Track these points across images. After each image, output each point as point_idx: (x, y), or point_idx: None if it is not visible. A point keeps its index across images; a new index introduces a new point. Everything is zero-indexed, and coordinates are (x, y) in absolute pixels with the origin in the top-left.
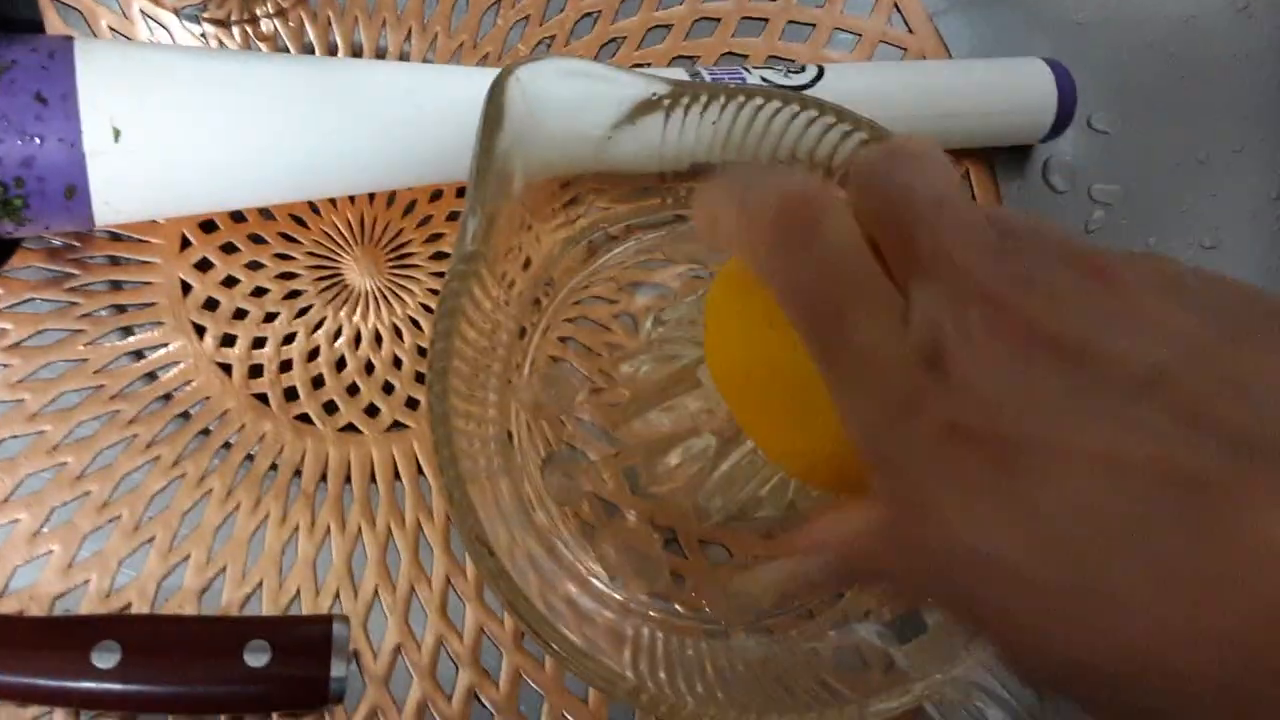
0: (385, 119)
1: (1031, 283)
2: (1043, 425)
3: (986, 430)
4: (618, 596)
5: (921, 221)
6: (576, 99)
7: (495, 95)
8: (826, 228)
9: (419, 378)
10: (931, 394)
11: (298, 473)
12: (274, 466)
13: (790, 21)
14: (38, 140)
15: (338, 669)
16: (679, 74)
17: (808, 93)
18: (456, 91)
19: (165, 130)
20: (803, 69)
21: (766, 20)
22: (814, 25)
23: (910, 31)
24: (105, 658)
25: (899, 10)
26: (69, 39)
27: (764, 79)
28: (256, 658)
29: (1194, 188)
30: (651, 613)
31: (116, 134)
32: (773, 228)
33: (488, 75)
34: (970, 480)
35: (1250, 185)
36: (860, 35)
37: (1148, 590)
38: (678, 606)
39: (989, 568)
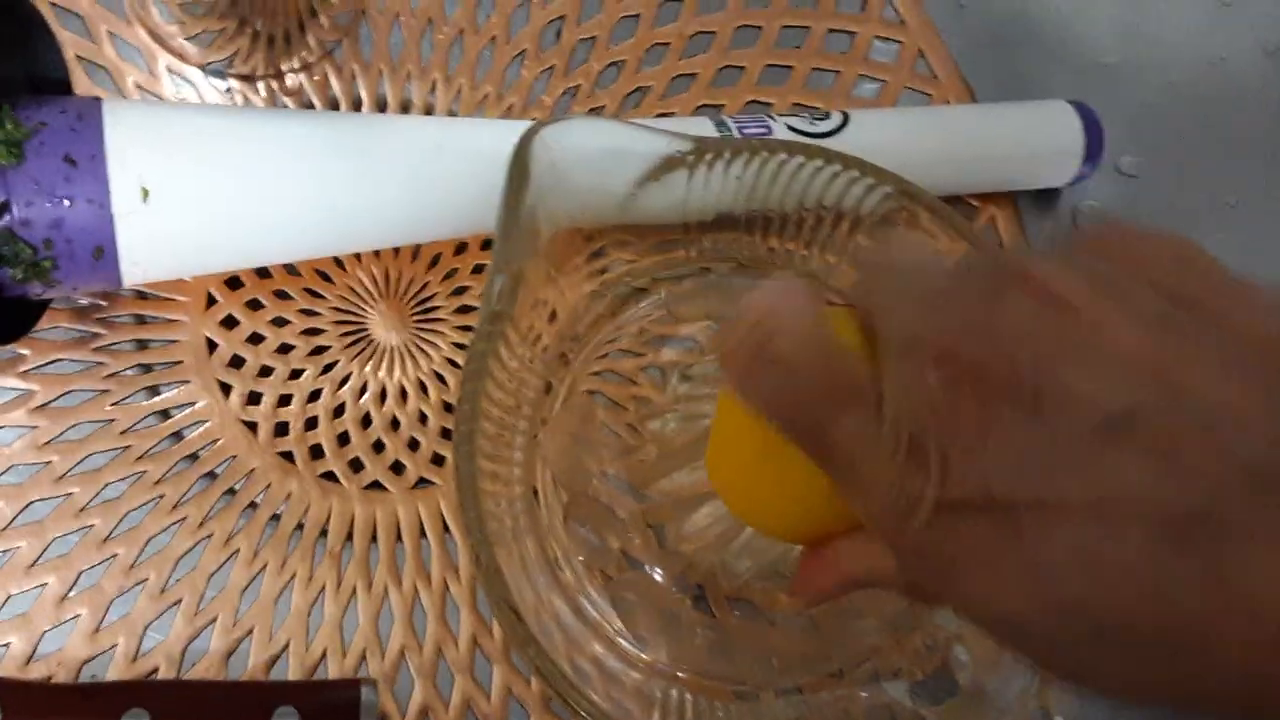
0: (411, 173)
1: (975, 327)
2: (1030, 485)
3: (981, 501)
4: (645, 657)
5: (869, 293)
6: (601, 157)
7: (520, 156)
8: (782, 342)
9: (444, 434)
10: (920, 482)
11: (324, 532)
12: (300, 526)
13: (814, 69)
14: (67, 202)
15: None
16: (704, 124)
17: (833, 140)
18: (481, 144)
19: (193, 190)
20: (827, 115)
21: (791, 68)
22: (838, 72)
23: (935, 77)
24: None
25: (923, 56)
26: (97, 100)
27: (790, 127)
28: None
29: (1224, 231)
30: (679, 674)
31: (145, 194)
32: (733, 356)
33: (512, 128)
34: (980, 552)
35: (1278, 230)
36: (885, 81)
37: (1160, 627)
38: (705, 667)
39: (1019, 630)
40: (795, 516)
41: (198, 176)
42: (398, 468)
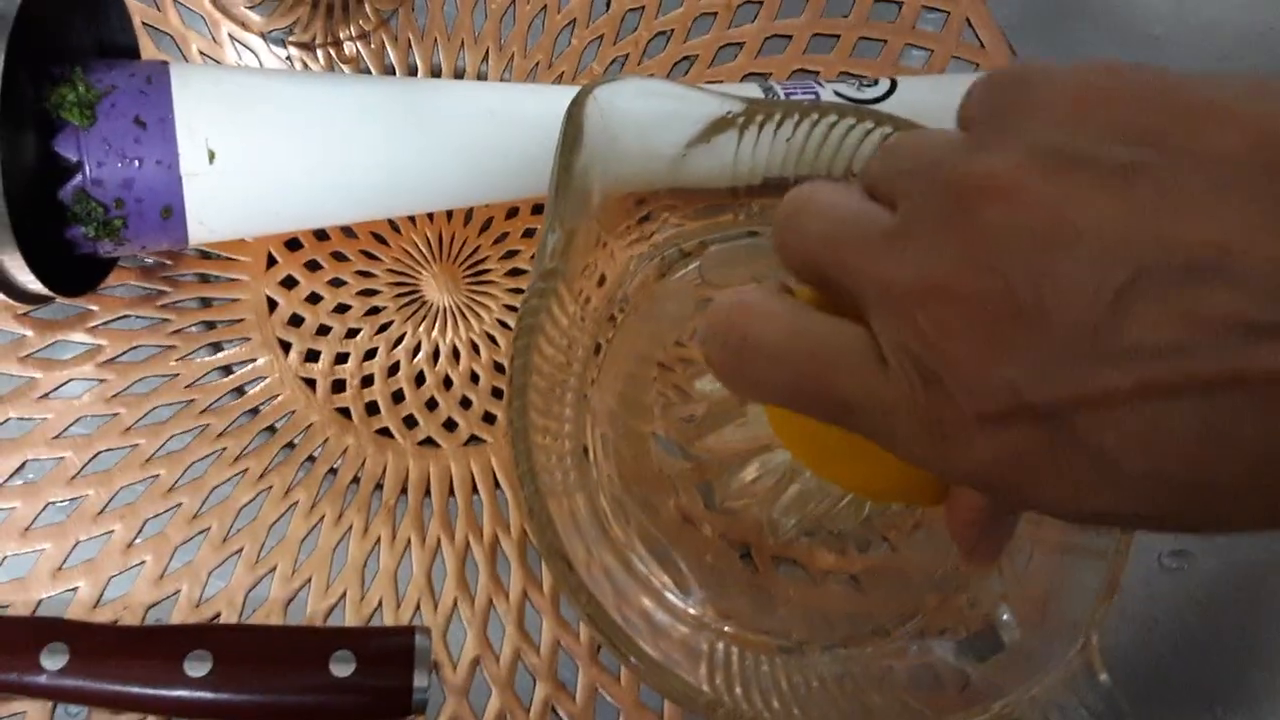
0: (465, 138)
1: (944, 254)
2: (1064, 386)
3: (1014, 410)
4: (692, 611)
5: (820, 258)
6: (652, 118)
7: (574, 115)
8: (755, 328)
9: (495, 393)
10: (945, 405)
11: (379, 486)
12: (356, 479)
13: (862, 38)
14: (136, 163)
15: (420, 680)
16: (752, 90)
17: (881, 106)
18: (534, 110)
19: (256, 152)
20: (875, 82)
21: (838, 36)
22: (885, 41)
23: (982, 47)
24: (197, 666)
25: (971, 26)
26: (165, 64)
27: (837, 93)
28: (342, 668)
29: None
30: (726, 628)
31: (211, 156)
32: (719, 361)
33: (564, 94)
34: (1042, 461)
35: None
36: (932, 50)
37: (1244, 475)
38: (751, 622)
39: (1115, 518)
40: (867, 466)
41: (261, 139)
42: (450, 425)
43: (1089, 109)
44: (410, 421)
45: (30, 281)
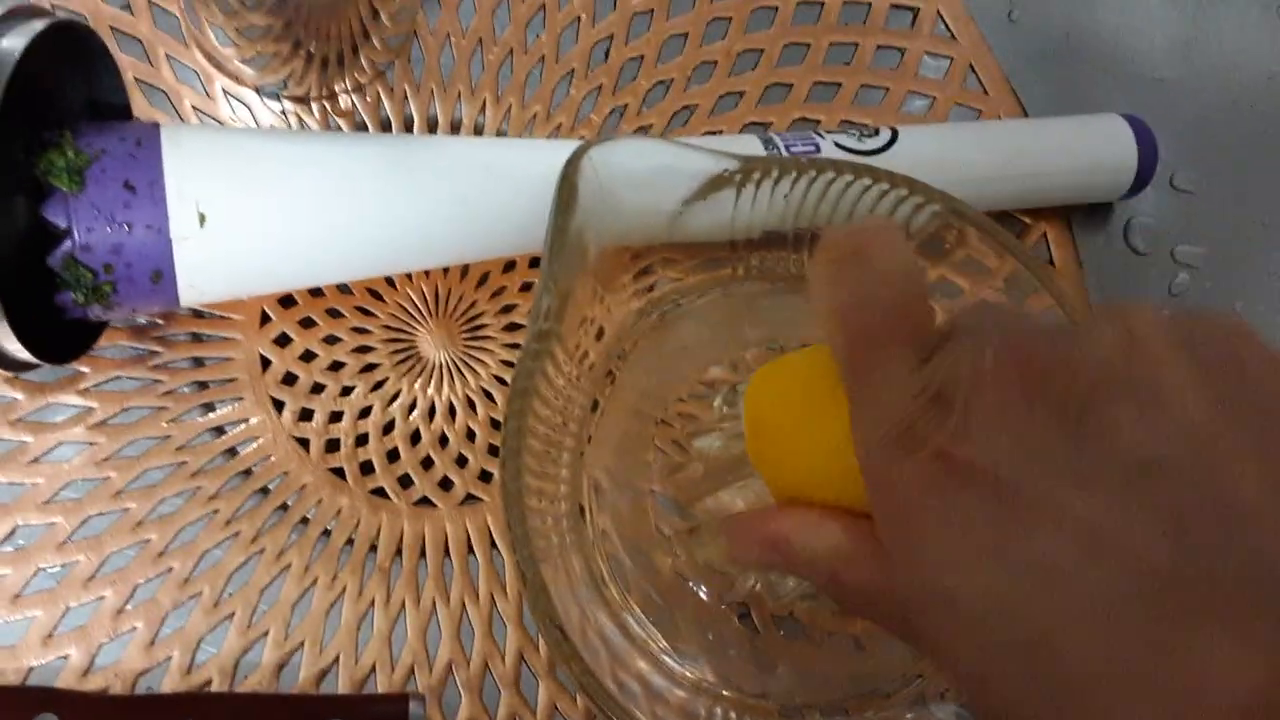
0: (460, 194)
1: (1049, 336)
2: (1040, 478)
3: (983, 469)
4: (690, 675)
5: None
6: (648, 176)
7: (569, 175)
8: (875, 254)
9: (492, 450)
10: (934, 425)
11: (373, 547)
12: (350, 541)
13: (863, 85)
14: (126, 228)
15: None
16: (752, 142)
17: (881, 157)
18: (530, 165)
19: (248, 213)
20: (876, 132)
21: (839, 84)
22: (887, 89)
23: (986, 92)
24: None
25: (974, 71)
26: (156, 126)
27: (838, 144)
28: None
29: None
30: (724, 692)
31: (202, 219)
32: (826, 256)
33: (560, 147)
34: (959, 516)
35: None
36: (934, 98)
37: (1095, 670)
38: (750, 685)
39: (947, 603)
40: (829, 480)
41: (252, 200)
42: (446, 484)
43: (1232, 364)
44: (405, 481)
45: (18, 350)
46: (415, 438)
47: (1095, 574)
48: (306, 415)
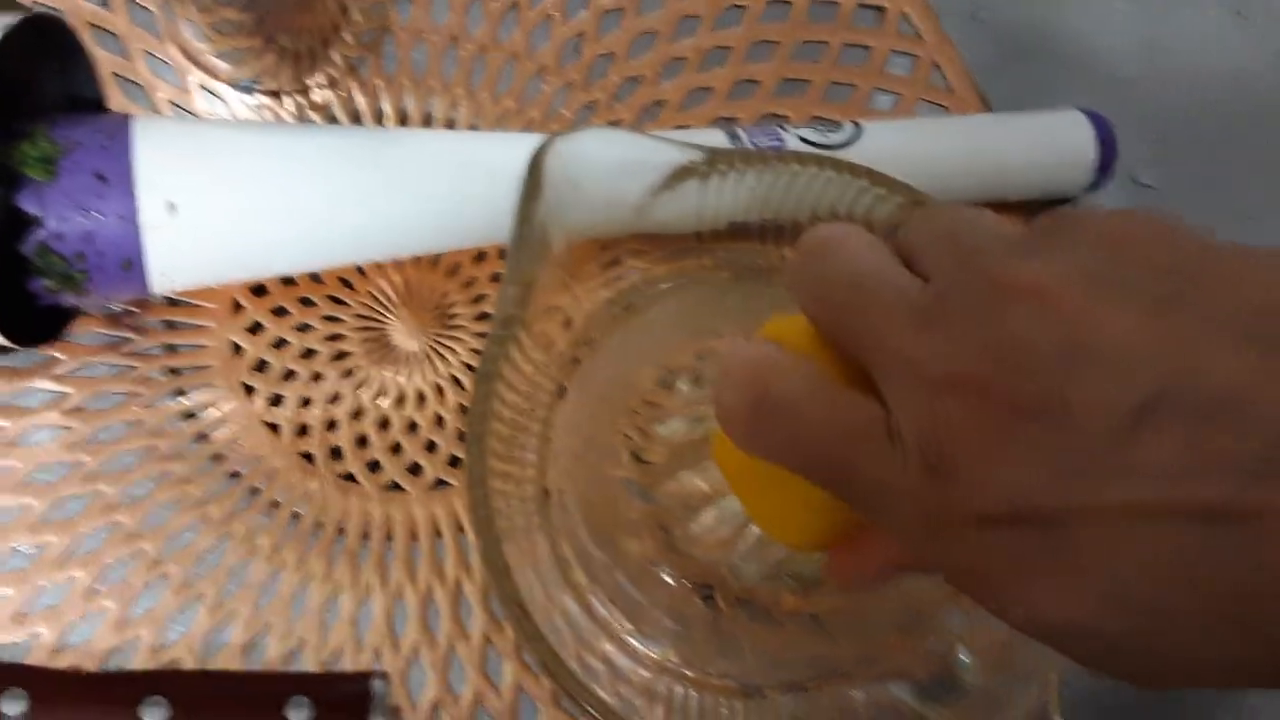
0: (430, 186)
1: (974, 346)
2: (1066, 494)
3: (1017, 513)
4: (653, 655)
5: (842, 309)
6: (615, 168)
7: (535, 166)
8: (781, 386)
9: (462, 436)
10: (949, 498)
11: (341, 531)
12: (319, 525)
13: (831, 82)
14: (98, 217)
15: None
16: (718, 135)
17: (846, 151)
18: (500, 157)
19: (218, 203)
20: (840, 127)
21: (807, 81)
22: (854, 85)
23: (951, 90)
24: (154, 712)
25: (939, 69)
26: (128, 118)
27: (802, 138)
28: (298, 713)
29: (1246, 243)
30: (688, 672)
31: (171, 208)
32: (734, 411)
33: (529, 141)
34: (1026, 564)
35: None
36: (901, 94)
37: (1224, 617)
38: (713, 666)
39: (1082, 635)
40: (810, 525)
41: (222, 191)
42: (415, 469)
43: (1134, 245)
44: (375, 466)
45: None
46: (385, 424)
47: (1167, 539)
48: (277, 401)
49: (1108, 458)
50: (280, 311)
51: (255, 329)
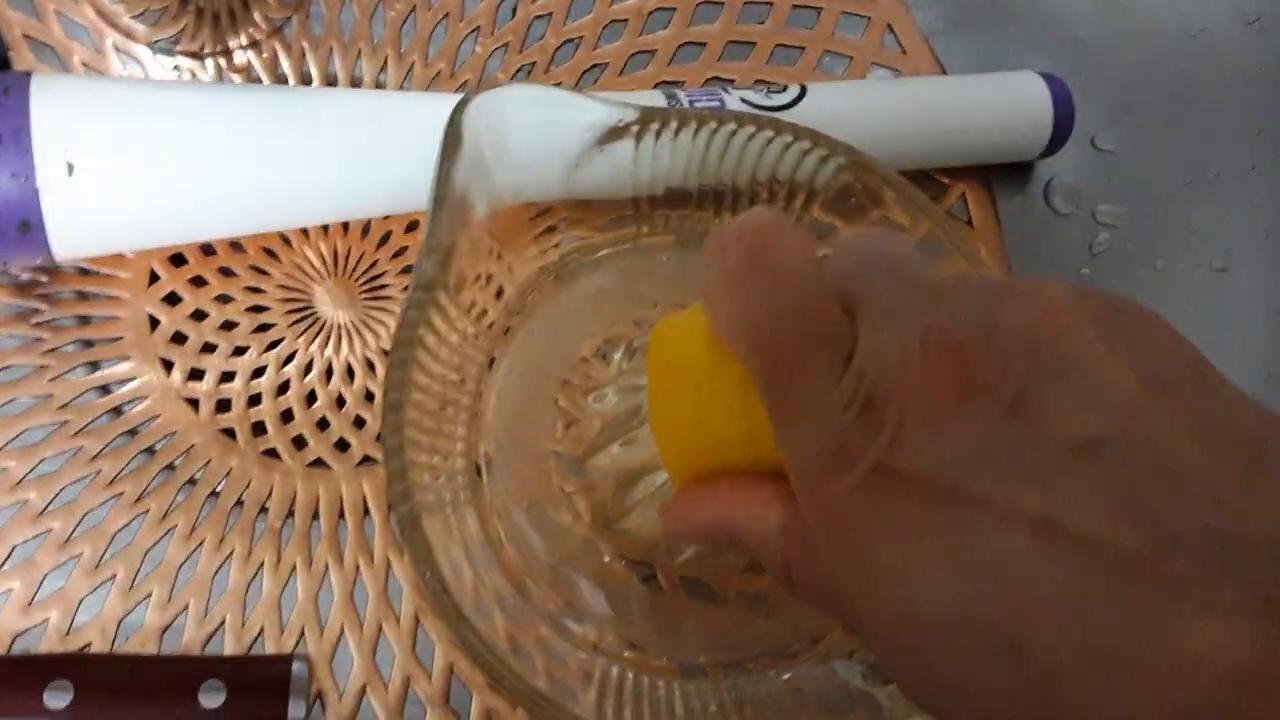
0: (350, 148)
1: (971, 323)
2: (983, 480)
3: (922, 475)
4: (590, 636)
5: (855, 275)
6: (542, 126)
7: (454, 123)
8: (768, 256)
9: None
10: (868, 438)
11: (264, 509)
12: (240, 502)
13: (778, 45)
14: None
15: (296, 710)
16: (657, 98)
17: (789, 113)
18: (423, 119)
19: (121, 164)
20: (784, 89)
21: (754, 44)
22: (803, 48)
23: (904, 52)
24: (58, 697)
25: (892, 31)
26: (26, 74)
27: (744, 100)
28: (212, 698)
29: (1204, 207)
30: (625, 653)
31: (70, 168)
32: (725, 253)
33: (451, 100)
34: (903, 530)
35: (1263, 204)
36: (852, 57)
37: (1071, 663)
38: (653, 645)
39: (908, 616)
40: (705, 453)
41: (127, 151)
42: (342, 445)
43: (1150, 340)
44: (300, 442)
45: None
46: (311, 398)
47: (1055, 564)
48: (197, 375)
49: (1044, 468)
50: (199, 281)
51: (173, 300)
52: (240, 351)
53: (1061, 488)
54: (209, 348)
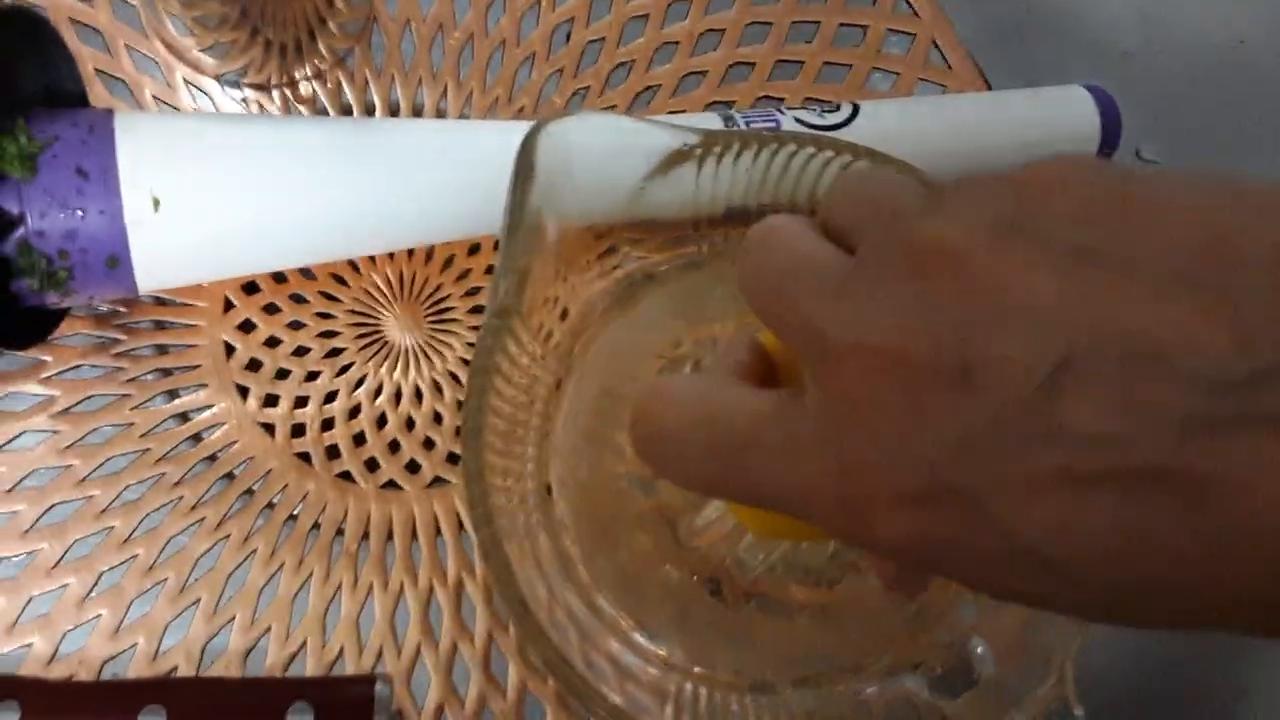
0: (420, 177)
1: (882, 313)
2: (982, 465)
3: (933, 489)
4: (661, 653)
5: (775, 299)
6: (607, 152)
7: (526, 151)
8: (667, 422)
9: (459, 432)
10: (864, 481)
11: (340, 531)
12: (316, 525)
13: (826, 63)
14: (80, 213)
15: None
16: (711, 119)
17: (843, 131)
18: (489, 146)
19: (203, 198)
20: (837, 108)
21: (802, 63)
22: (850, 66)
23: (949, 68)
24: None
25: (937, 47)
26: (109, 112)
27: (798, 120)
28: (299, 719)
29: None
30: (696, 669)
31: (156, 204)
32: (638, 450)
33: (519, 129)
34: (954, 540)
35: None
36: (898, 74)
37: (1154, 593)
38: (721, 661)
39: (1026, 598)
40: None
41: (207, 185)
42: (413, 467)
43: (1046, 192)
44: (372, 465)
45: None
46: (382, 421)
47: (1099, 507)
48: (271, 401)
49: (1024, 425)
50: (272, 309)
51: (247, 327)
52: (313, 377)
53: (1053, 432)
54: (282, 374)
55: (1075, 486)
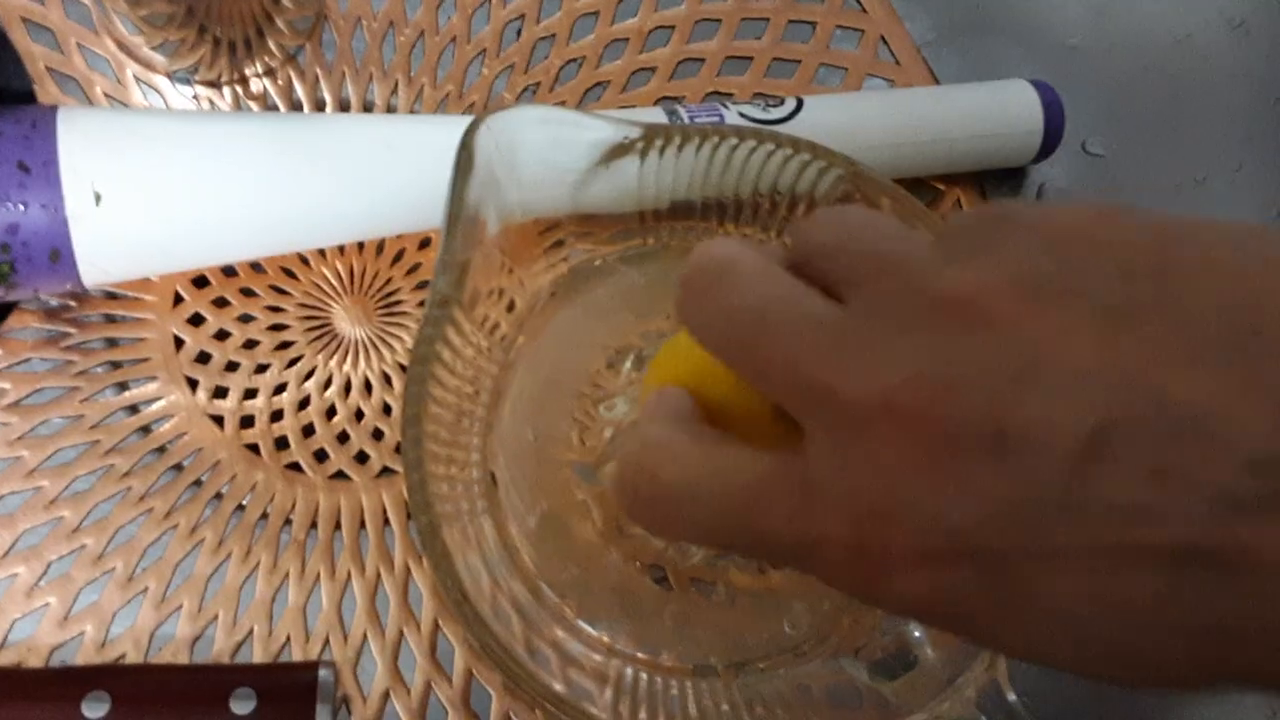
0: (367, 171)
1: (902, 369)
2: (1016, 536)
3: (960, 552)
4: (604, 639)
5: (748, 343)
6: (549, 145)
7: (466, 144)
8: (668, 477)
9: None
10: (884, 541)
11: (288, 521)
12: (265, 515)
13: (775, 59)
14: (21, 207)
15: (323, 715)
16: (658, 115)
17: (787, 125)
18: (434, 141)
19: (146, 192)
20: (781, 102)
21: (751, 59)
22: (799, 62)
23: (898, 63)
24: (95, 707)
25: (885, 43)
26: (53, 108)
27: (742, 114)
28: (243, 705)
29: (1193, 209)
30: (640, 654)
31: (98, 198)
32: (634, 510)
33: (463, 123)
34: (979, 602)
35: (1251, 204)
36: (847, 69)
37: (1182, 662)
38: (665, 647)
39: (1049, 661)
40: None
41: (150, 179)
42: (362, 457)
43: (1081, 243)
44: (321, 455)
45: None
46: (331, 413)
47: (1135, 584)
48: (221, 393)
49: (1059, 495)
50: (222, 302)
51: (197, 321)
52: (262, 369)
53: (1090, 506)
54: (232, 366)
55: (1109, 558)
